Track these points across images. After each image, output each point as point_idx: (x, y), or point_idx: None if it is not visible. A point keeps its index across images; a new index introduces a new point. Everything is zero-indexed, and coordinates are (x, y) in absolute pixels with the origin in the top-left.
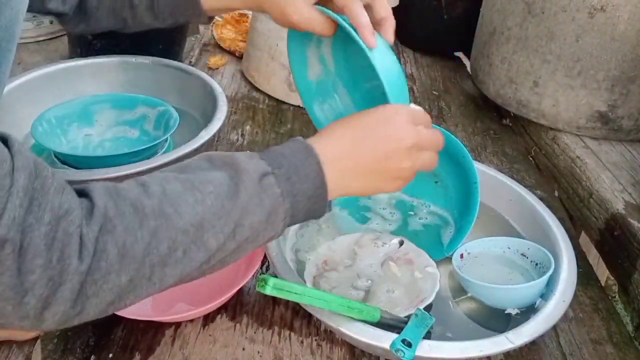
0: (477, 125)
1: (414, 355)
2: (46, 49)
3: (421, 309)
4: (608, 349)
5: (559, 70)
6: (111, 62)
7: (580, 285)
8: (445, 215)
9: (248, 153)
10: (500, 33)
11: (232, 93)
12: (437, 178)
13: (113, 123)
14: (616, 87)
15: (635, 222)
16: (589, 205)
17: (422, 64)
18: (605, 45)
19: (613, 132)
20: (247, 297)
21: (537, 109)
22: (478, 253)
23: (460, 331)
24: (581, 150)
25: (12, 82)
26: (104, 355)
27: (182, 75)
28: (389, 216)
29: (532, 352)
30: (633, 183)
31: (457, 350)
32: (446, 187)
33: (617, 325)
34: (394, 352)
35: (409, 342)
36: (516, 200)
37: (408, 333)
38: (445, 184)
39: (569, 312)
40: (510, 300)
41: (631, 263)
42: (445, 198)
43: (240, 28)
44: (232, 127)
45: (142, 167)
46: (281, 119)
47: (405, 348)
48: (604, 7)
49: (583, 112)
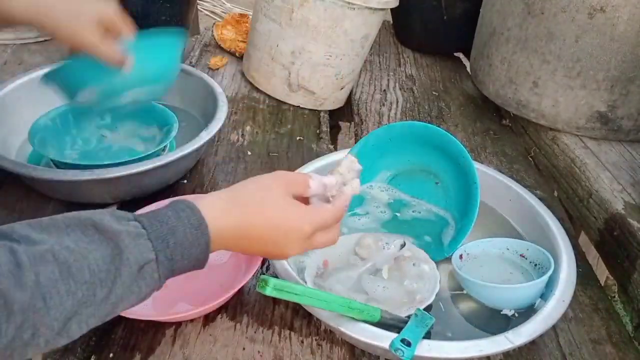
0: (476, 126)
1: (414, 354)
2: (47, 49)
3: (421, 309)
4: (607, 348)
5: (559, 71)
6: None
7: (580, 285)
8: (446, 215)
9: (135, 229)
10: (500, 33)
11: (233, 93)
12: (437, 179)
13: (130, 134)
14: (616, 87)
15: (634, 222)
16: (589, 205)
17: (422, 64)
18: (605, 45)
19: (612, 132)
20: (248, 297)
21: (536, 109)
22: (477, 254)
23: (460, 331)
24: (581, 151)
25: (12, 82)
26: (104, 354)
27: (182, 75)
28: (382, 215)
29: (531, 352)
30: (632, 183)
31: (457, 350)
32: (446, 187)
33: (616, 325)
34: (393, 351)
35: (408, 342)
36: (516, 201)
37: (407, 333)
38: (445, 184)
39: (569, 312)
40: (509, 299)
41: (631, 263)
42: (445, 199)
43: (241, 29)
44: (233, 127)
45: (143, 167)
46: (281, 119)
47: (405, 347)
48: (604, 7)
49: (582, 113)
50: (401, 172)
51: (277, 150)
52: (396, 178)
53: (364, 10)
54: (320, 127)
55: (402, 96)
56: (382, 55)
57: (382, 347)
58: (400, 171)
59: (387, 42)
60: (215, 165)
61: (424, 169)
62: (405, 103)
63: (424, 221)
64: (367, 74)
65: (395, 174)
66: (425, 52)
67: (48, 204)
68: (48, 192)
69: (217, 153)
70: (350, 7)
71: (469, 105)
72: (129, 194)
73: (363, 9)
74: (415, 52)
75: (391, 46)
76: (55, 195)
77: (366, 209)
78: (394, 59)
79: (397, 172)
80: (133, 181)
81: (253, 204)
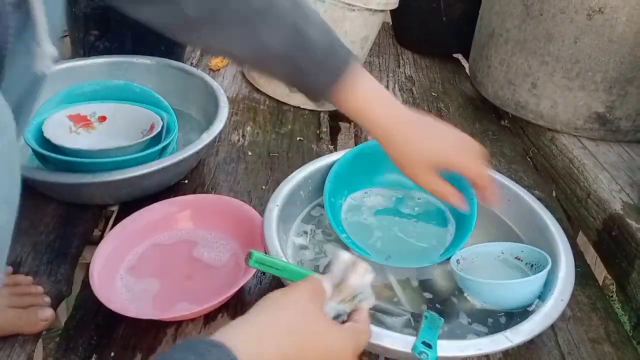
0: (475, 127)
1: (437, 356)
2: None
3: (430, 311)
4: (606, 348)
5: (557, 72)
6: (112, 63)
7: (578, 285)
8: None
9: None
10: (499, 35)
11: (233, 94)
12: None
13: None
14: (614, 88)
15: (632, 222)
16: (587, 205)
17: (421, 66)
18: (603, 46)
19: (611, 133)
20: (248, 296)
21: (535, 110)
22: (473, 259)
23: (459, 330)
24: (579, 151)
25: None
26: (105, 354)
27: (183, 76)
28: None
29: (530, 351)
30: (631, 183)
31: (456, 349)
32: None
33: (615, 325)
34: (417, 354)
35: (428, 344)
36: (514, 201)
37: (425, 335)
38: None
39: (567, 311)
40: (508, 297)
41: (629, 263)
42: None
43: None
44: (233, 128)
45: (144, 170)
46: (282, 120)
47: (428, 350)
48: (602, 9)
49: (581, 113)
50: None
51: (278, 151)
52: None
53: (364, 12)
54: (320, 128)
55: (401, 97)
56: (382, 57)
57: (382, 346)
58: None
59: (387, 43)
60: (216, 166)
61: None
62: (405, 104)
63: (424, 220)
64: None
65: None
66: (425, 54)
67: (49, 204)
68: (49, 193)
69: (218, 153)
70: (350, 8)
71: (468, 106)
72: (130, 196)
73: (363, 11)
74: (415, 54)
75: (391, 47)
76: (56, 196)
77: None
78: (393, 60)
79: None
80: (134, 183)
81: (296, 329)
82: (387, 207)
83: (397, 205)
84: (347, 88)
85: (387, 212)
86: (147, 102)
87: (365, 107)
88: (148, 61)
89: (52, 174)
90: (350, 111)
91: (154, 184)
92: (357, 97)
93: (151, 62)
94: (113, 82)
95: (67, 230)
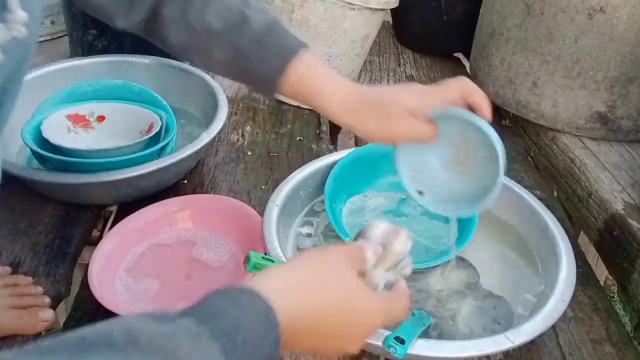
0: None
1: (406, 352)
2: (47, 49)
3: (420, 309)
4: (607, 348)
5: (558, 71)
6: (111, 62)
7: (580, 285)
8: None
9: (193, 326)
10: (500, 34)
11: (233, 94)
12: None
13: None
14: (615, 87)
15: (634, 222)
16: (588, 205)
17: (421, 65)
18: (604, 46)
19: (612, 132)
20: None
21: (536, 109)
22: None
23: (459, 330)
24: (580, 151)
25: None
26: None
27: (183, 75)
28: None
29: (531, 352)
30: (632, 183)
31: (457, 349)
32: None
33: (616, 325)
34: (386, 348)
35: (402, 340)
36: (515, 201)
37: (402, 331)
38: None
39: (568, 312)
40: None
41: (630, 263)
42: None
43: None
44: (233, 127)
45: (143, 170)
46: (281, 120)
47: (398, 344)
48: (603, 8)
49: (582, 113)
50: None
51: (277, 151)
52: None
53: (364, 11)
54: (320, 127)
55: None
56: (382, 56)
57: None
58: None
59: (387, 42)
60: (216, 165)
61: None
62: None
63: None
64: (367, 74)
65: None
66: (425, 53)
67: (48, 204)
68: (48, 193)
69: (217, 153)
70: (350, 7)
71: None
72: (129, 196)
73: (363, 9)
74: (415, 53)
75: (391, 46)
76: (54, 196)
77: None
78: (393, 59)
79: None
80: (133, 183)
81: (331, 284)
82: (391, 208)
83: (400, 207)
84: (298, 67)
85: (391, 213)
86: (146, 101)
87: (322, 85)
88: (147, 60)
89: (51, 174)
90: (305, 93)
91: (153, 183)
92: (310, 74)
93: (150, 61)
94: (112, 82)
95: (66, 230)
